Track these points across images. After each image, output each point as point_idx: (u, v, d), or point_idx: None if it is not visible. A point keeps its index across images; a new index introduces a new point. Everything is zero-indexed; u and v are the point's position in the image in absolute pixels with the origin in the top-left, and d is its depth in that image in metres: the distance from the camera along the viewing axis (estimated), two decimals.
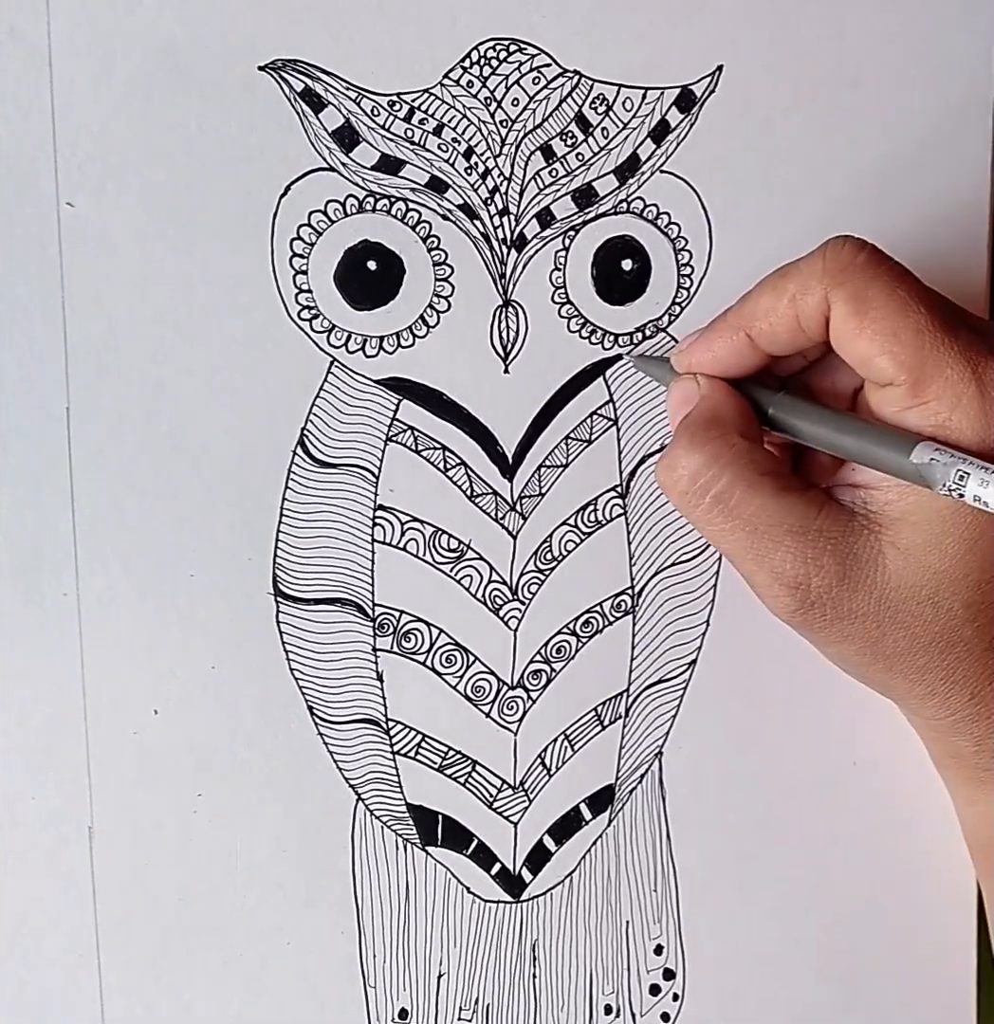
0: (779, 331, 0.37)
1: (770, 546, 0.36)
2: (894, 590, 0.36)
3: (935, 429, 0.35)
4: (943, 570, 0.36)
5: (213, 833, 0.40)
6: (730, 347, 0.38)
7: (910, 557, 0.36)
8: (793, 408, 0.38)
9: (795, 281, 0.36)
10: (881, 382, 0.36)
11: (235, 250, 0.38)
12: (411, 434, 0.40)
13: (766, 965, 0.45)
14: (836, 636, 0.37)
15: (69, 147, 0.37)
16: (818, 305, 0.36)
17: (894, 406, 0.36)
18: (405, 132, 0.39)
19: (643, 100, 0.40)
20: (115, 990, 0.40)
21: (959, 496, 0.34)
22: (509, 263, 0.40)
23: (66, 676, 0.39)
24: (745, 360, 0.38)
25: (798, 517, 0.36)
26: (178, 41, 0.37)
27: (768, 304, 0.37)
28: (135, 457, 0.38)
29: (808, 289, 0.36)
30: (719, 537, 0.37)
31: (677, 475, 0.37)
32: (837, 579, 0.36)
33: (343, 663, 0.40)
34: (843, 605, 0.36)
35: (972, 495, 0.34)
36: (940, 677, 0.37)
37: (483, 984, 0.43)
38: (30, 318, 0.37)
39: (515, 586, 0.41)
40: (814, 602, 0.36)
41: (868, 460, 0.36)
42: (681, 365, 0.39)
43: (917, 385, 0.35)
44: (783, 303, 0.37)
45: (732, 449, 0.37)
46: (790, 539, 0.36)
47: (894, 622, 0.37)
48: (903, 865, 0.45)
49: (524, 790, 0.42)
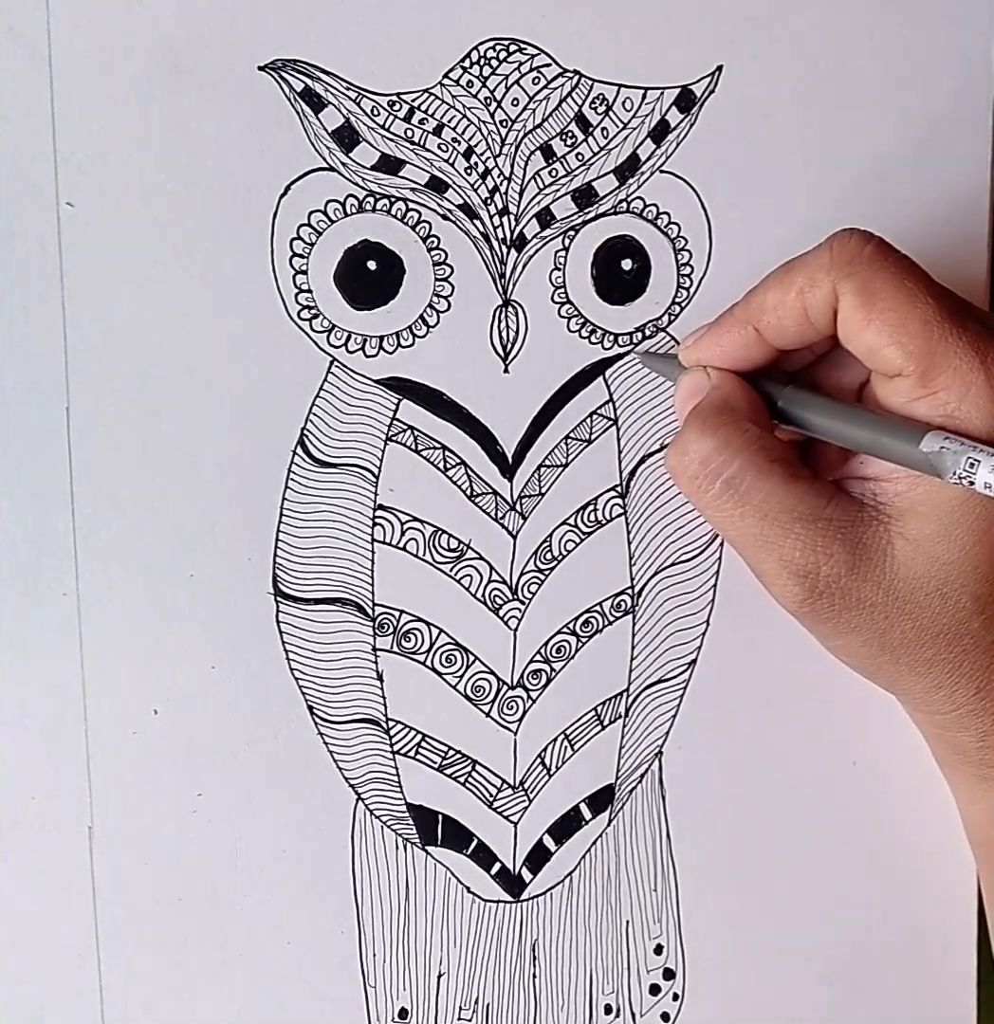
0: (787, 325, 0.37)
1: (780, 533, 0.36)
2: (903, 581, 0.36)
3: (944, 419, 0.35)
4: (952, 561, 0.36)
5: (213, 833, 0.40)
6: (738, 342, 0.38)
7: (919, 548, 0.36)
8: (802, 401, 0.38)
9: (802, 274, 0.36)
10: (889, 373, 0.36)
11: (235, 250, 0.38)
12: (411, 434, 0.40)
13: (765, 965, 0.45)
14: (843, 627, 0.37)
15: (69, 147, 0.37)
16: (826, 298, 0.36)
17: (902, 397, 0.36)
18: (405, 132, 0.39)
19: (643, 100, 0.40)
20: (115, 990, 0.40)
21: (970, 484, 0.34)
22: (509, 263, 0.40)
23: (66, 676, 0.39)
24: (754, 354, 0.38)
25: (808, 505, 0.36)
26: (178, 41, 0.37)
27: (776, 298, 0.37)
28: (135, 457, 0.38)
29: (816, 282, 0.36)
30: (728, 524, 0.37)
31: (688, 460, 0.37)
32: (846, 568, 0.36)
33: (343, 663, 0.40)
34: (851, 595, 0.36)
35: (983, 482, 0.34)
36: (946, 670, 0.37)
37: (483, 984, 0.43)
38: (30, 318, 0.37)
39: (515, 586, 0.41)
40: (822, 591, 0.36)
41: (878, 450, 0.36)
42: (689, 360, 0.39)
43: (926, 375, 0.35)
44: (791, 297, 0.37)
45: (744, 435, 0.37)
46: (800, 526, 0.36)
47: (902, 613, 0.37)
48: (903, 865, 0.45)
49: (524, 790, 0.42)
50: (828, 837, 0.44)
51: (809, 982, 0.45)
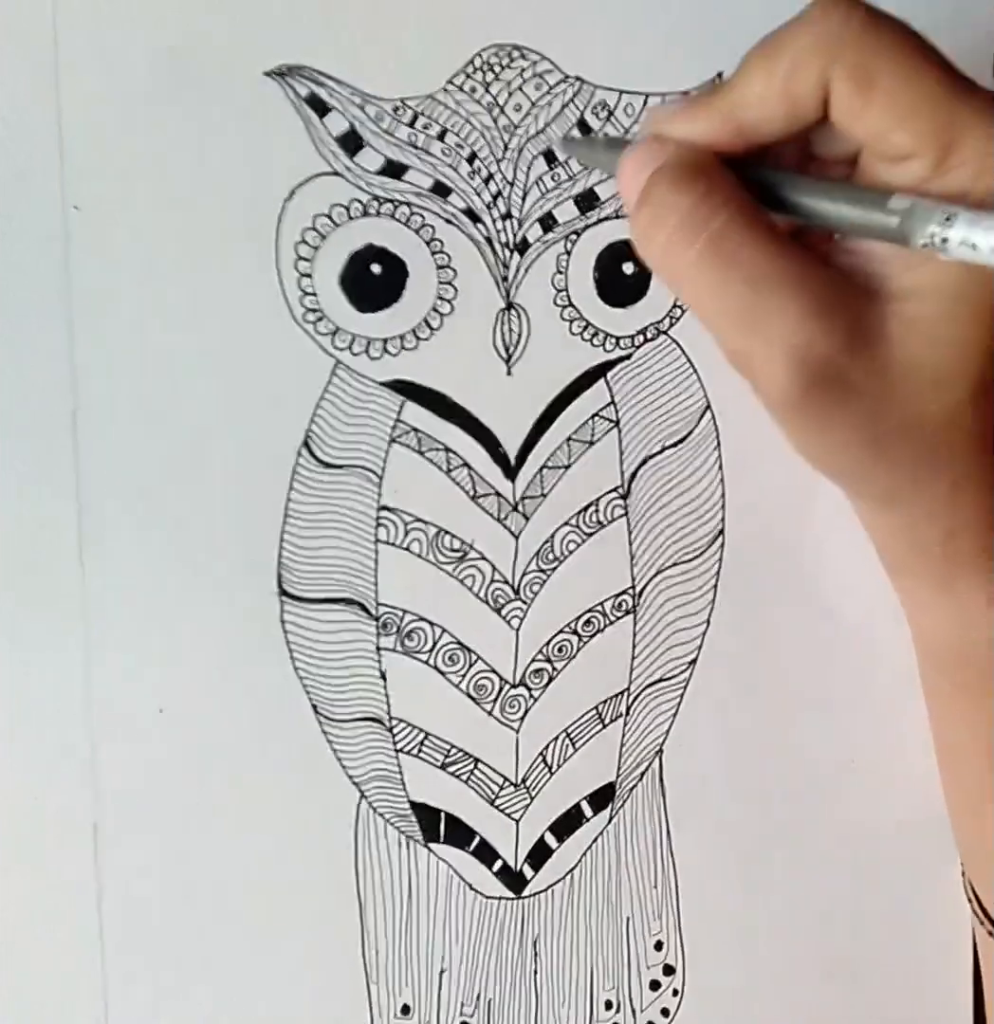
0: (774, 118, 0.32)
1: (771, 304, 0.32)
2: (898, 364, 0.33)
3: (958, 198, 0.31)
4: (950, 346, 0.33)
5: (217, 830, 0.40)
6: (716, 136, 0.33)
7: (916, 330, 0.33)
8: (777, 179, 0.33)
9: (785, 59, 0.32)
10: (896, 156, 0.32)
11: (240, 253, 0.38)
12: (415, 435, 0.40)
13: (765, 961, 0.45)
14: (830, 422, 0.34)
15: (76, 151, 0.37)
16: (814, 83, 0.31)
17: (912, 180, 0.32)
18: (409, 137, 0.39)
19: (645, 105, 0.40)
20: (118, 989, 0.40)
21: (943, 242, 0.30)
22: (512, 266, 0.40)
23: (71, 675, 0.39)
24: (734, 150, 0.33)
25: (802, 273, 0.32)
26: (184, 46, 0.37)
27: (760, 89, 0.32)
28: (140, 458, 0.38)
29: (801, 66, 0.31)
30: (708, 296, 0.33)
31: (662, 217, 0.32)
32: (840, 348, 0.32)
33: (347, 662, 0.41)
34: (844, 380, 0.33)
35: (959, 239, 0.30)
36: (927, 462, 0.34)
37: (485, 980, 0.43)
38: (36, 322, 0.37)
39: (517, 586, 0.41)
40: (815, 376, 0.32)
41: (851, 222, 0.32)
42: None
43: (939, 156, 0.31)
44: (775, 86, 0.32)
45: (728, 184, 0.32)
46: (789, 295, 0.32)
47: (893, 402, 0.33)
48: (902, 864, 0.45)
49: (526, 787, 0.42)
50: (828, 835, 0.45)
51: (809, 979, 0.45)
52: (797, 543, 0.43)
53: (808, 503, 0.43)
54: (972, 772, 0.40)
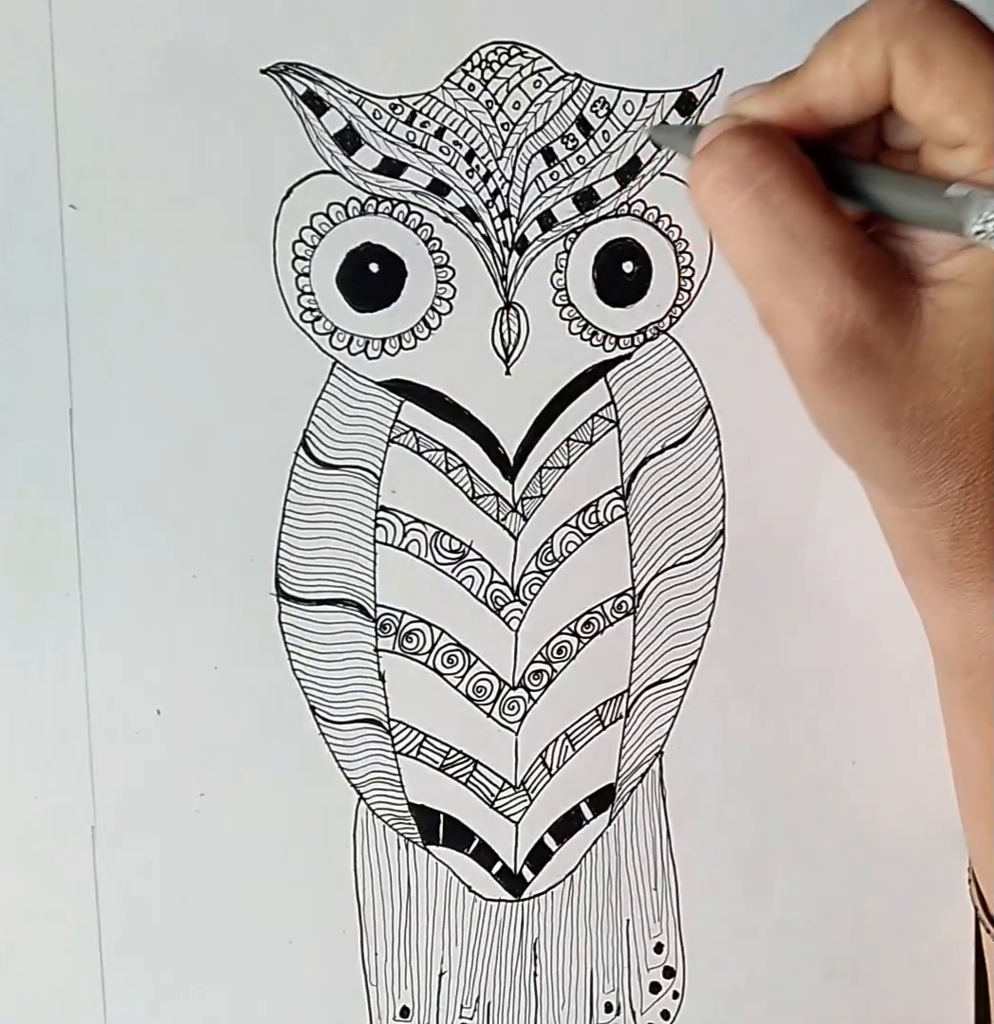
0: (843, 102, 0.33)
1: (806, 262, 0.32)
2: (926, 349, 0.33)
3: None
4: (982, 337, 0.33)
5: (215, 833, 0.40)
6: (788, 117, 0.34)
7: (950, 318, 0.33)
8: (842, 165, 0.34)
9: (851, 42, 0.32)
10: (951, 143, 0.32)
11: (238, 252, 0.38)
12: (413, 435, 0.40)
13: (765, 963, 0.45)
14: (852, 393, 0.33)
15: (72, 150, 0.37)
16: (878, 65, 0.32)
17: (965, 169, 0.32)
18: (407, 135, 0.39)
19: (644, 103, 0.40)
20: (117, 990, 0.40)
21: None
22: (510, 265, 0.40)
23: (69, 676, 0.39)
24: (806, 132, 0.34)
25: (843, 238, 0.32)
26: (181, 44, 0.37)
27: (829, 71, 0.33)
28: (137, 458, 0.38)
29: (866, 49, 0.32)
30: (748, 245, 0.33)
31: (718, 161, 0.33)
32: (872, 319, 0.32)
33: (345, 663, 0.41)
34: (871, 352, 0.32)
35: None
36: (943, 456, 0.34)
37: (484, 982, 0.43)
38: (33, 321, 0.37)
39: (516, 587, 0.41)
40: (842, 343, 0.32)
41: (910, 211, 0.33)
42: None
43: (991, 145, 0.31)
44: (842, 68, 0.33)
45: (783, 145, 0.33)
46: (830, 258, 0.32)
47: (918, 385, 0.33)
48: (902, 863, 0.45)
49: (525, 789, 0.42)
50: (828, 836, 0.45)
51: (809, 980, 0.45)
52: (798, 544, 0.43)
53: (809, 503, 0.43)
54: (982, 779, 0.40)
